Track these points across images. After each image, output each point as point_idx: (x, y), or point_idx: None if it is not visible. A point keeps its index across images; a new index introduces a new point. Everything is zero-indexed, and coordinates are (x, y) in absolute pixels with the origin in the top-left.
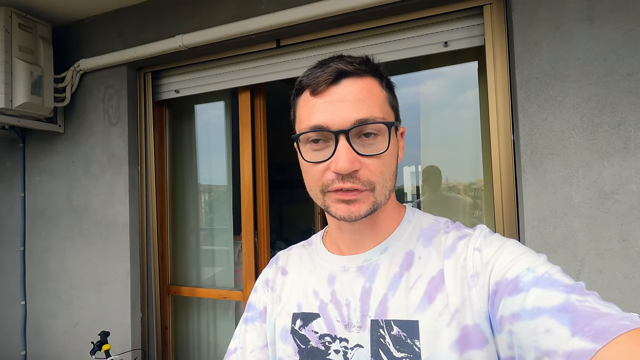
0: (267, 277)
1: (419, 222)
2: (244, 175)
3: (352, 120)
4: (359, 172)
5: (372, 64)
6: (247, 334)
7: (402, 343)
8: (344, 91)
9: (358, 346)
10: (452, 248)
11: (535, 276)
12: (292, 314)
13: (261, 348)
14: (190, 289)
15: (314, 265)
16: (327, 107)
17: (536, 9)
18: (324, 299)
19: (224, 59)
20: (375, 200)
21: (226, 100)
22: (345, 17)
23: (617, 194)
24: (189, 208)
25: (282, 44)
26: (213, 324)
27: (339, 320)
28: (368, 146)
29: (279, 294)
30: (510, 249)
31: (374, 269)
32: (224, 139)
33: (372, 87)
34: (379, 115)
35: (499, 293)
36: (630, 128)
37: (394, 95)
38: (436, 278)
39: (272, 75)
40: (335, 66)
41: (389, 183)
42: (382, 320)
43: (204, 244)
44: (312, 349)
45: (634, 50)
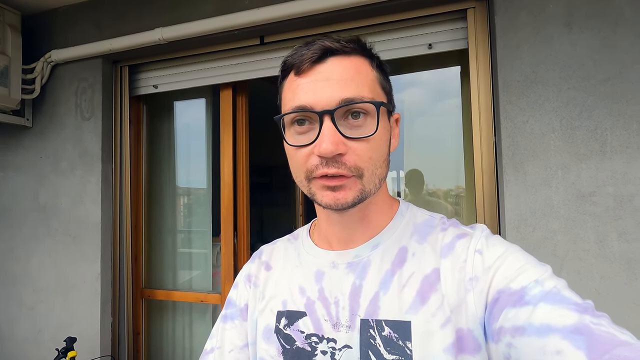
0: (249, 272)
1: (412, 217)
2: (224, 174)
3: (337, 99)
4: (345, 156)
5: (361, 43)
6: (226, 333)
7: (393, 344)
8: (329, 70)
9: (346, 347)
10: (450, 247)
11: (543, 290)
12: (277, 312)
13: (240, 348)
14: (165, 292)
15: (300, 260)
16: (312, 87)
17: (518, 13)
18: (310, 297)
19: (206, 55)
20: (363, 188)
21: (207, 97)
22: (330, 15)
23: (594, 196)
24: (166, 209)
25: (266, 40)
26: (189, 329)
27: (326, 319)
28: (355, 128)
29: (262, 291)
30: (514, 256)
31: (364, 266)
32: (205, 138)
33: (360, 66)
34: (367, 95)
35: (501, 302)
36: (606, 132)
37: (386, 77)
38: (430, 276)
39: (255, 73)
40: (321, 44)
41: (379, 170)
42: (372, 320)
43: (181, 246)
44: (298, 349)
45: (610, 56)
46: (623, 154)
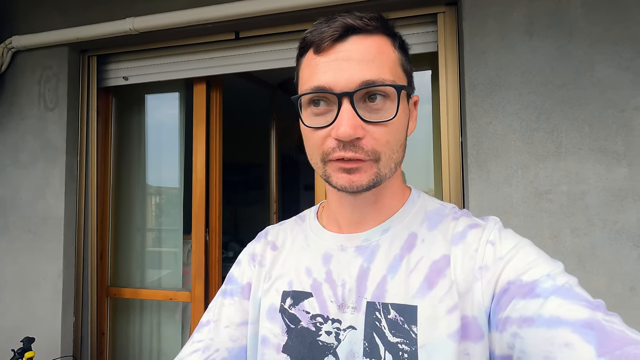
0: (253, 251)
1: (424, 204)
2: (196, 171)
3: (357, 81)
4: (363, 140)
5: (384, 20)
6: (224, 308)
7: (399, 328)
8: (350, 49)
9: (351, 328)
10: (462, 235)
11: (554, 284)
12: (282, 292)
13: (237, 325)
14: (132, 291)
15: (307, 242)
16: (331, 66)
17: (484, 20)
18: (317, 278)
19: (179, 47)
20: (379, 171)
21: (181, 91)
22: (306, 13)
23: (549, 194)
24: (135, 204)
25: (242, 35)
26: (157, 328)
27: (332, 300)
28: (374, 112)
29: (268, 271)
30: (527, 250)
31: (373, 250)
32: (178, 133)
33: (382, 46)
34: (388, 77)
35: (510, 292)
36: (562, 134)
37: (407, 58)
38: (439, 262)
39: (230, 68)
40: (342, 21)
41: (396, 155)
42: (379, 303)
43: (150, 244)
44: (302, 329)
45: (566, 63)
46: (576, 155)
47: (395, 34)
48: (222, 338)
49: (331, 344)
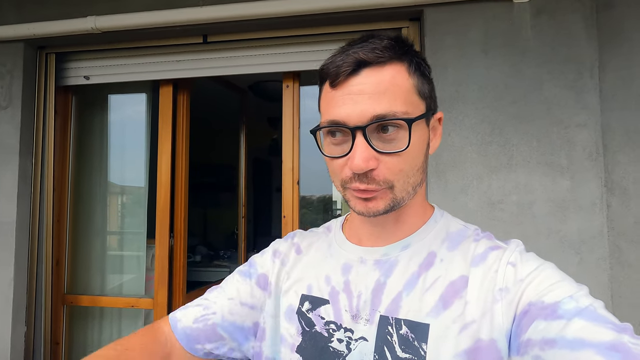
0: (278, 248)
1: (446, 224)
2: (161, 174)
3: (369, 115)
4: (376, 171)
5: (399, 47)
6: (235, 283)
7: (409, 344)
8: (363, 82)
9: (362, 339)
10: (483, 257)
11: (577, 306)
12: (301, 295)
13: (241, 303)
14: (90, 298)
15: (330, 252)
16: (345, 101)
17: (444, 36)
18: (335, 287)
19: (145, 48)
20: (394, 197)
21: (147, 93)
22: (275, 21)
23: (501, 203)
24: (95, 209)
25: (210, 40)
26: (117, 337)
27: (347, 310)
28: (388, 142)
29: (288, 271)
30: (549, 272)
31: (391, 265)
32: (144, 135)
33: (395, 77)
34: (399, 109)
35: (531, 314)
36: (513, 148)
37: (426, 80)
38: (456, 283)
39: (197, 72)
40: (355, 56)
41: (412, 179)
42: (392, 318)
43: (111, 248)
44: (316, 333)
45: (518, 81)
46: (525, 167)
47: (412, 58)
48: (222, 306)
49: (341, 352)
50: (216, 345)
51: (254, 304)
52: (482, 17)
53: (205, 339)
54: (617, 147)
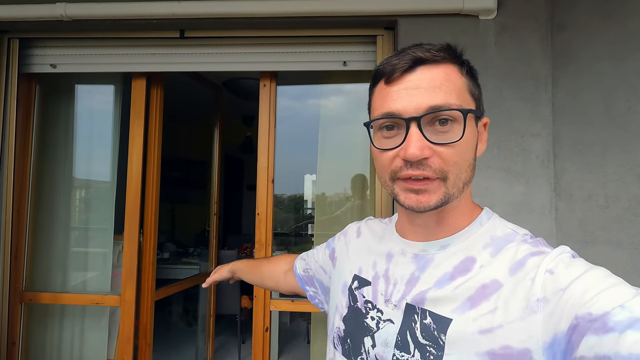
0: (347, 230)
1: (492, 227)
2: (132, 168)
3: (425, 107)
4: (430, 159)
5: (452, 50)
6: (321, 250)
7: (429, 333)
8: (418, 78)
9: (389, 321)
10: (521, 263)
11: (631, 316)
12: (354, 274)
13: (320, 266)
14: (51, 295)
15: (384, 241)
16: (401, 95)
17: None
18: (378, 272)
19: (119, 39)
20: (447, 191)
21: (117, 84)
22: (254, 21)
23: None
24: (58, 202)
25: (187, 35)
26: (79, 336)
27: (382, 293)
28: (442, 134)
29: (347, 251)
30: (595, 278)
31: (427, 261)
32: (111, 127)
33: (449, 74)
34: (454, 102)
35: (580, 329)
36: None
37: (475, 83)
38: (489, 287)
39: (173, 66)
40: (412, 54)
41: (464, 175)
42: (418, 307)
43: (75, 244)
44: (357, 308)
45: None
46: (486, 172)
47: (463, 62)
48: (314, 265)
49: (372, 328)
50: (315, 290)
51: (326, 270)
52: (450, 31)
53: (310, 284)
54: (566, 155)
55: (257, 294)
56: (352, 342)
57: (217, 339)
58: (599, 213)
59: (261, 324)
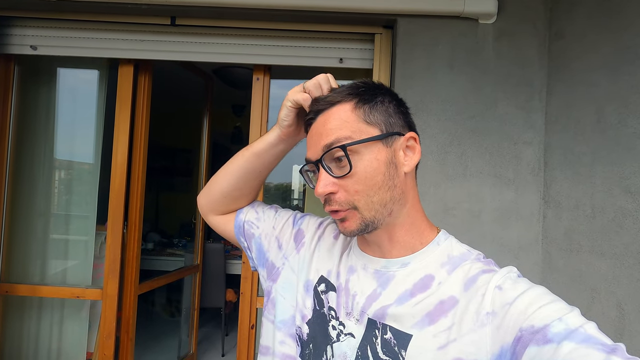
0: (325, 223)
1: (449, 247)
2: (116, 158)
3: (320, 149)
4: (337, 194)
5: (351, 88)
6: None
7: (390, 348)
8: (318, 125)
9: (350, 335)
10: (473, 280)
11: (567, 328)
12: (321, 275)
13: (276, 237)
14: (29, 288)
15: (348, 253)
16: (309, 143)
17: (414, 47)
18: (342, 283)
19: (106, 23)
20: (362, 216)
21: (102, 70)
22: (250, 12)
23: (454, 210)
24: (37, 187)
25: (178, 22)
26: (58, 329)
27: (344, 306)
28: (341, 169)
29: (319, 247)
30: (537, 294)
31: (388, 278)
32: (95, 112)
33: (339, 113)
34: (344, 136)
35: (524, 340)
36: (468, 159)
37: (374, 108)
38: (446, 303)
39: (163, 54)
40: (314, 107)
41: (375, 197)
42: (379, 322)
43: (54, 232)
44: (322, 314)
45: (477, 98)
46: (477, 178)
47: (359, 94)
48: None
49: (332, 338)
50: (249, 248)
51: (282, 247)
52: (450, 33)
53: (245, 239)
54: (556, 164)
55: (243, 291)
56: (314, 348)
57: (200, 331)
58: (585, 223)
59: (247, 322)
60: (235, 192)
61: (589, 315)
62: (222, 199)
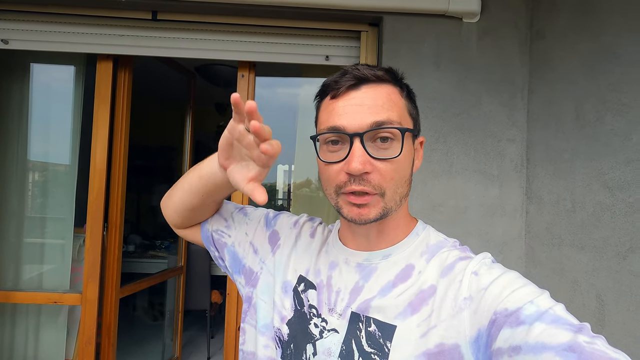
0: (301, 222)
1: (427, 237)
2: (95, 158)
3: (368, 123)
4: (370, 175)
5: (394, 73)
6: (256, 224)
7: (375, 340)
8: (363, 96)
9: (334, 330)
10: (451, 267)
11: (538, 310)
12: (299, 275)
13: (250, 243)
14: (4, 294)
15: (327, 249)
16: (346, 110)
17: (400, 45)
18: (322, 280)
19: (82, 17)
20: (385, 205)
21: (79, 66)
22: (234, 7)
23: (441, 206)
24: (9, 190)
25: (160, 17)
26: (34, 337)
27: (326, 302)
28: (382, 150)
29: (296, 247)
30: (510, 279)
31: (371, 270)
32: (71, 110)
33: (391, 94)
34: (395, 120)
35: (498, 323)
36: (454, 156)
37: (414, 105)
38: (426, 292)
39: (144, 50)
40: (356, 73)
41: (400, 189)
42: (363, 316)
43: (29, 235)
44: (302, 313)
45: (462, 95)
46: (463, 175)
47: (403, 85)
48: (237, 235)
49: (314, 336)
50: (221, 258)
51: (258, 251)
52: (435, 32)
53: (217, 248)
54: (537, 161)
55: (229, 291)
56: (295, 348)
57: (184, 334)
58: (566, 217)
59: (234, 323)
60: (189, 213)
61: (571, 307)
62: (177, 217)
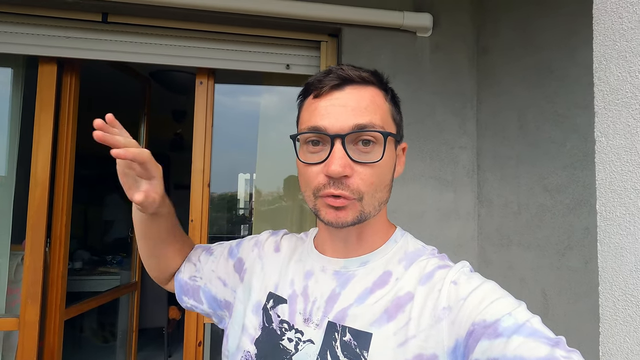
0: (264, 241)
1: (405, 244)
2: (36, 167)
3: (350, 125)
4: (350, 179)
5: (379, 76)
6: (220, 258)
7: (351, 350)
8: (346, 97)
9: (309, 341)
10: (430, 275)
11: (516, 323)
12: (269, 292)
13: (218, 277)
14: None
15: (300, 257)
16: (328, 111)
17: (359, 56)
18: (296, 290)
19: (23, 16)
20: (362, 209)
21: (17, 68)
22: (192, 13)
23: (395, 212)
24: None
25: (110, 20)
26: None
27: (301, 312)
28: (363, 154)
29: (262, 266)
30: (489, 290)
31: (348, 278)
32: (8, 117)
33: (375, 97)
34: (378, 123)
35: (476, 334)
36: (409, 162)
37: (398, 110)
38: (402, 298)
39: (92, 53)
40: (341, 73)
41: (379, 194)
42: (339, 325)
43: None
44: (272, 330)
45: (417, 105)
46: (418, 181)
47: (388, 88)
48: (205, 274)
49: (289, 350)
50: (196, 304)
51: (227, 283)
52: (391, 44)
53: (191, 296)
54: (487, 167)
55: None
56: None
57: (139, 355)
58: (513, 219)
59: (194, 339)
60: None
61: None
62: (151, 269)
